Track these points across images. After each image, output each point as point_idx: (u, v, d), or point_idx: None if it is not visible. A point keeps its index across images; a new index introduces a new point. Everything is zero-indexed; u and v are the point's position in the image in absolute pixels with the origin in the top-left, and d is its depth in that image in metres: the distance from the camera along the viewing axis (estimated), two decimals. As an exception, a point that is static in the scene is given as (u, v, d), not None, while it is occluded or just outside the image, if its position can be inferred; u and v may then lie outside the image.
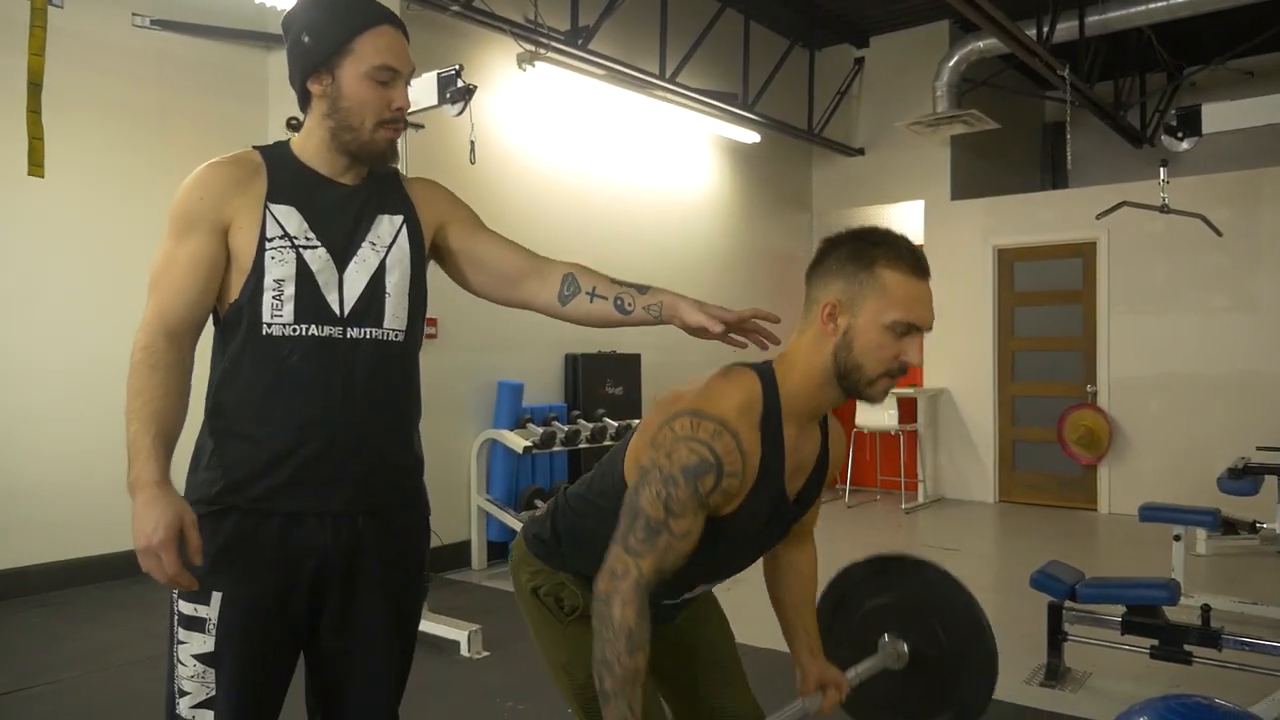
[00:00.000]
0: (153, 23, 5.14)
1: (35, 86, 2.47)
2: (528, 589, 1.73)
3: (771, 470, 1.56)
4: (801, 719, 1.77)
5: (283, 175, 1.60)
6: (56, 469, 4.73)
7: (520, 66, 5.78)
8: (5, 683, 3.54)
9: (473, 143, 4.27)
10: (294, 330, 1.55)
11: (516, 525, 5.32)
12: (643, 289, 1.68)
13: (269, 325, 1.54)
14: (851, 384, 1.54)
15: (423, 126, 4.29)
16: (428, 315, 1.77)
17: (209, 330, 1.62)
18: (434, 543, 1.77)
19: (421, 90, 3.93)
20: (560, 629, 1.70)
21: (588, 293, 1.70)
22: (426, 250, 1.72)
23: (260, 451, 1.55)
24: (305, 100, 1.63)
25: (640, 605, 1.43)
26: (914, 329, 1.52)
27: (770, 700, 1.86)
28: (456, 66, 3.85)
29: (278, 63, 5.69)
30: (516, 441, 5.31)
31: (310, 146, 1.62)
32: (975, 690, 1.95)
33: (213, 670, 1.53)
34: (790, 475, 1.61)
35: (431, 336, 5.10)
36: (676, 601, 1.71)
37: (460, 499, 5.51)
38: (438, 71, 3.88)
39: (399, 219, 1.67)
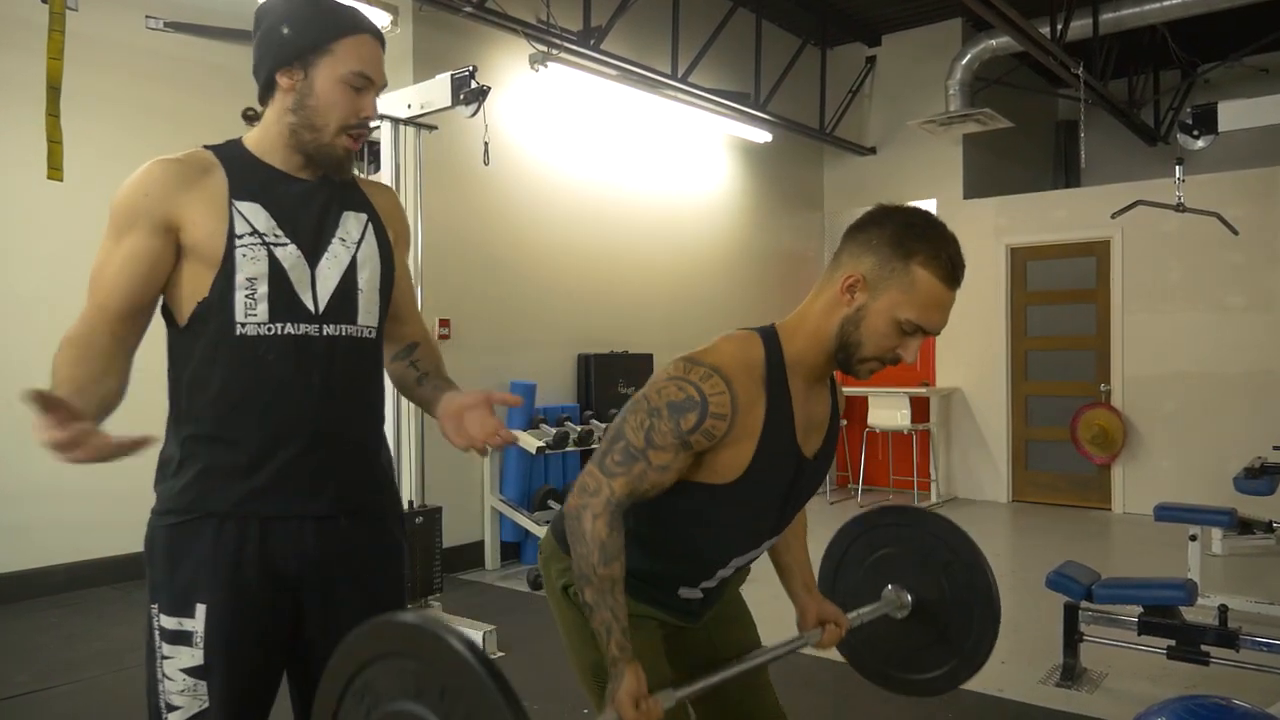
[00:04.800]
0: (166, 25, 5.16)
1: (54, 90, 2.50)
2: (558, 586, 1.71)
3: (780, 426, 1.55)
4: (800, 649, 1.78)
5: (241, 172, 1.56)
6: (74, 470, 4.73)
7: (532, 67, 5.79)
8: (26, 681, 3.57)
9: (486, 144, 4.28)
10: (269, 329, 1.51)
11: (530, 525, 5.34)
12: (446, 384, 1.72)
13: (243, 325, 1.50)
14: (845, 356, 1.56)
15: (436, 128, 4.30)
16: (441, 317, 1.77)
17: (159, 338, 1.58)
18: (447, 543, 1.78)
19: (435, 91, 3.94)
20: (590, 631, 1.69)
21: (411, 361, 1.76)
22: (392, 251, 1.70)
23: (238, 455, 1.51)
24: (268, 92, 1.60)
25: (611, 519, 1.46)
26: (922, 331, 1.53)
27: (790, 701, 1.86)
28: (470, 68, 3.86)
29: (291, 65, 5.71)
30: (530, 442, 5.32)
31: (266, 141, 1.60)
32: (979, 636, 1.95)
33: (204, 682, 1.50)
34: (804, 434, 1.61)
35: (444, 338, 5.12)
36: (713, 584, 1.70)
37: (474, 499, 5.52)
38: (451, 73, 3.89)
39: (364, 217, 1.65)
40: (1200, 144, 4.41)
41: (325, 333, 1.56)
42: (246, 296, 1.50)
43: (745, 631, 1.86)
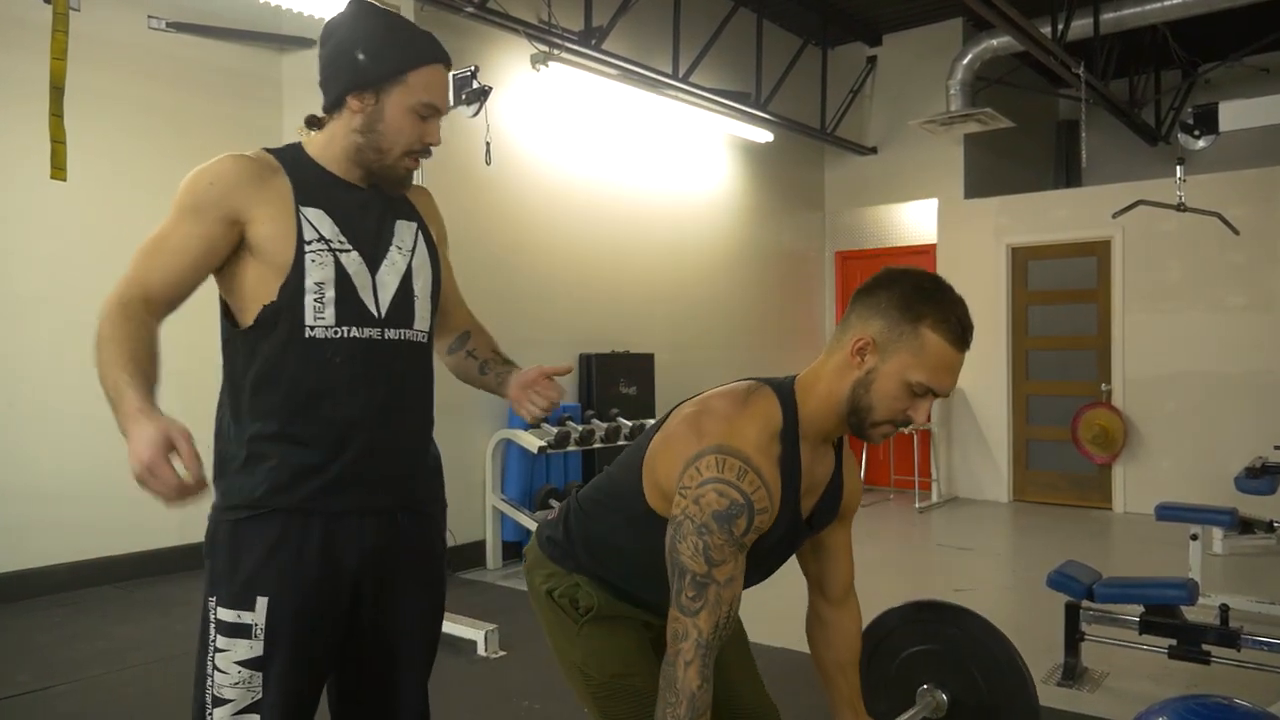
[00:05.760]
0: (168, 25, 5.17)
1: (57, 90, 2.50)
2: (542, 591, 1.76)
3: (789, 494, 1.58)
4: None
5: (304, 178, 1.60)
6: (78, 470, 4.76)
7: (534, 67, 5.79)
8: (28, 681, 3.57)
9: (488, 144, 4.29)
10: (335, 333, 1.57)
11: (531, 525, 5.34)
12: (508, 367, 1.87)
13: (311, 328, 1.55)
14: (857, 420, 1.57)
15: (437, 128, 4.30)
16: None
17: (208, 331, 1.60)
18: (449, 542, 1.82)
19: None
20: (574, 630, 1.72)
21: (468, 351, 1.89)
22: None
23: (307, 454, 1.56)
24: (337, 108, 1.63)
25: (703, 666, 1.44)
26: (931, 393, 1.54)
27: (784, 699, 1.87)
28: (473, 68, 3.86)
29: (292, 65, 5.71)
30: (531, 441, 5.33)
31: (330, 151, 1.64)
32: None
33: (259, 674, 1.53)
34: (804, 494, 1.63)
35: (446, 337, 5.10)
36: None
37: (475, 499, 5.53)
38: (453, 73, 3.88)
39: (414, 225, 1.72)
40: (1201, 144, 4.41)
41: (388, 336, 1.62)
42: (315, 300, 1.55)
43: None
